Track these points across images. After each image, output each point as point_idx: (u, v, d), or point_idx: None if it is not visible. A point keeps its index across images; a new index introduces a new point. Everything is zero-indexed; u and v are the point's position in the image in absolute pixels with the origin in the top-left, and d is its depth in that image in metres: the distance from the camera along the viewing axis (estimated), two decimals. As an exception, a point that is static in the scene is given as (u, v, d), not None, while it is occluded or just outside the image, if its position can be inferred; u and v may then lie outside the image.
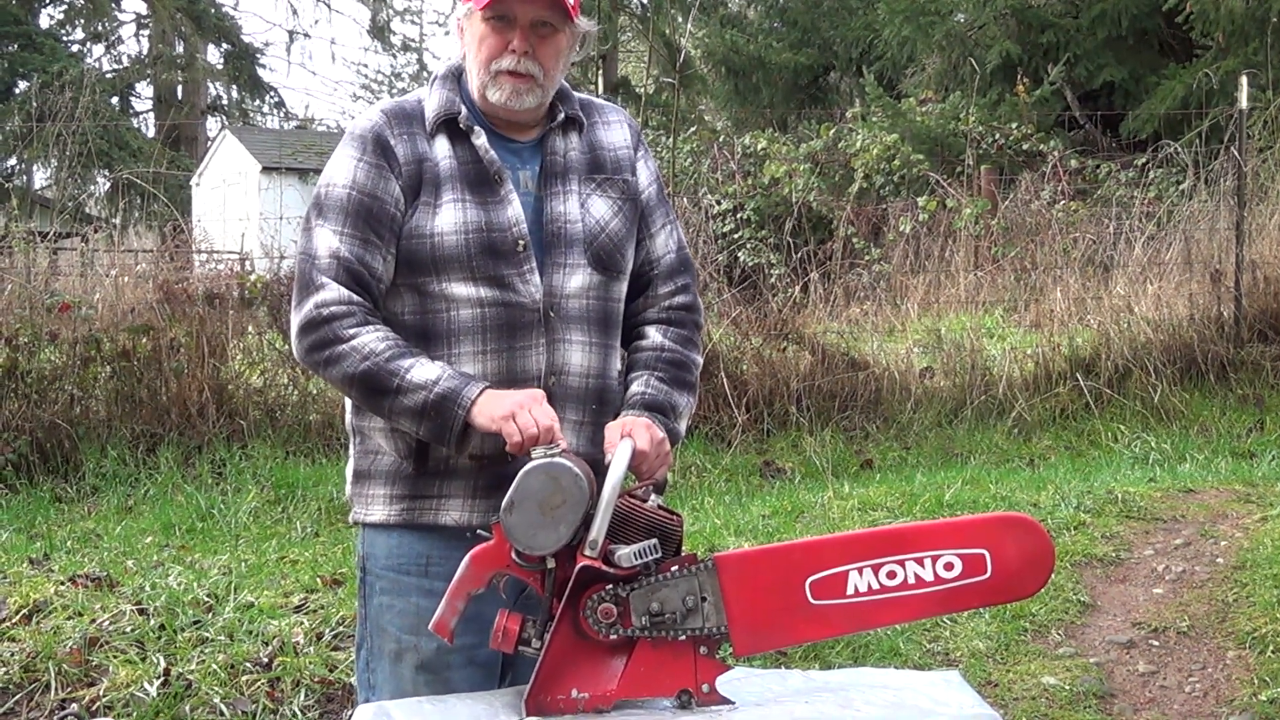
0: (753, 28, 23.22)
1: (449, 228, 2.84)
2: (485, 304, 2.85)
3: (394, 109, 2.94)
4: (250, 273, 10.30)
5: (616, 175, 3.02)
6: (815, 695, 2.66)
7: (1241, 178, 10.51)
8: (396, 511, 2.92)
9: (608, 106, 3.13)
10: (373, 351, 2.75)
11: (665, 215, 3.11)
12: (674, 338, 3.05)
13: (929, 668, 5.15)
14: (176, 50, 31.33)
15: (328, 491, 7.59)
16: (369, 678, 2.99)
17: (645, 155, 3.11)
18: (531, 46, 2.86)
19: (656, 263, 3.08)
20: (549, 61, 2.90)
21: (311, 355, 2.81)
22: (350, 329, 2.77)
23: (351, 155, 2.88)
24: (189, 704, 4.60)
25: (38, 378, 8.26)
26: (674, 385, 2.99)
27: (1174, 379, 9.53)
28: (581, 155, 3.00)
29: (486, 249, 2.84)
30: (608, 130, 3.07)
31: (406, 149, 2.88)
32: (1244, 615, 5.69)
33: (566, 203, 2.94)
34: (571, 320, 2.91)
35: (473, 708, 2.55)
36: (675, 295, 3.09)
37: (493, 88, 2.89)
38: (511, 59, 2.86)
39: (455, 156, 2.89)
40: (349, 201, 2.84)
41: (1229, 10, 15.51)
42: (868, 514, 6.99)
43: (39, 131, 10.94)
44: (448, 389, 2.72)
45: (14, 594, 5.30)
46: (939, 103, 16.60)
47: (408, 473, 2.89)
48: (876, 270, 11.33)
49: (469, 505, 2.88)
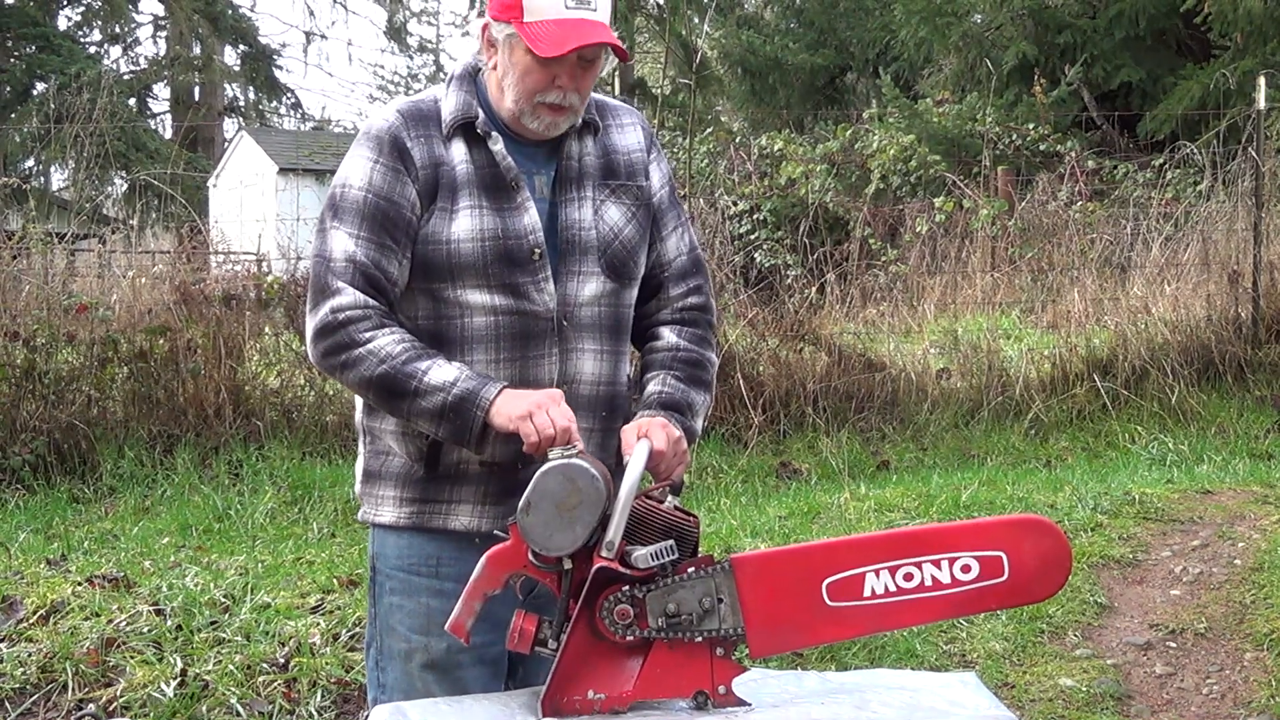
0: (769, 28, 23.22)
1: (465, 235, 2.83)
2: (499, 312, 2.85)
3: (410, 109, 2.92)
4: (267, 274, 10.33)
5: (630, 181, 3.00)
6: (831, 697, 2.66)
7: (1259, 178, 10.47)
8: (406, 514, 2.92)
9: (621, 108, 3.11)
10: (389, 354, 2.74)
11: (677, 217, 3.10)
12: (689, 337, 3.04)
13: (946, 669, 5.14)
14: (194, 51, 31.39)
15: (344, 492, 7.60)
16: (379, 676, 3.00)
17: (658, 157, 3.10)
18: (577, 78, 2.84)
19: (668, 265, 3.07)
20: (587, 89, 2.89)
21: (328, 359, 2.81)
22: (366, 332, 2.76)
23: (367, 156, 2.86)
24: (205, 704, 4.61)
25: (55, 378, 8.27)
26: (690, 384, 2.98)
27: (1191, 380, 9.50)
28: (596, 160, 2.98)
29: (502, 256, 2.83)
30: (621, 133, 3.05)
31: (423, 152, 2.86)
32: (1262, 617, 5.67)
33: (581, 209, 2.93)
34: (584, 328, 2.92)
35: (489, 708, 2.55)
36: (688, 296, 3.08)
37: (530, 118, 2.86)
38: (557, 94, 2.83)
39: (472, 161, 2.87)
40: (365, 205, 2.82)
41: (1247, 10, 15.46)
42: (884, 515, 6.98)
43: (57, 133, 10.95)
44: (466, 390, 2.71)
45: (31, 594, 5.31)
46: (956, 103, 16.58)
47: (418, 476, 2.90)
48: (893, 271, 11.31)
49: (479, 511, 2.89)
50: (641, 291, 3.06)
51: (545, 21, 2.76)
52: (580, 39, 2.75)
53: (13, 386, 8.14)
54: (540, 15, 2.77)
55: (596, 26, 2.78)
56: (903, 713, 2.60)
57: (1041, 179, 12.91)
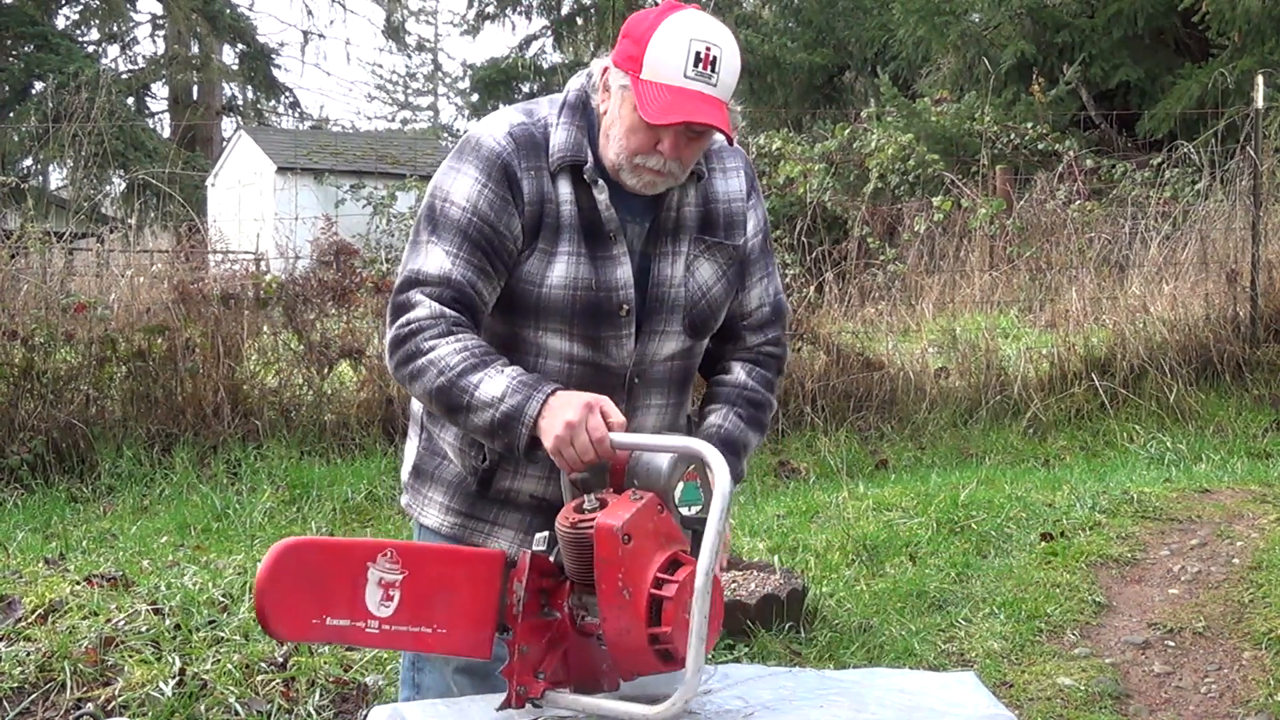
0: (768, 28, 23.24)
1: (559, 282, 2.74)
2: (575, 361, 2.78)
3: (523, 136, 2.77)
4: (265, 273, 10.33)
5: (726, 240, 2.89)
6: (829, 697, 2.65)
7: (1257, 177, 10.48)
8: (450, 524, 2.90)
9: (727, 151, 2.95)
10: (447, 365, 2.64)
11: (765, 267, 2.99)
12: (758, 378, 2.98)
13: (944, 668, 5.14)
14: (192, 51, 31.43)
15: (343, 491, 7.61)
16: (415, 677, 2.98)
17: (757, 203, 2.97)
18: (681, 148, 2.70)
19: (749, 315, 2.98)
20: (690, 160, 2.75)
21: (399, 372, 2.73)
22: (430, 340, 2.66)
23: (476, 178, 2.74)
24: (204, 704, 4.60)
25: (53, 378, 8.28)
26: (750, 425, 2.93)
27: (1190, 379, 9.51)
28: (695, 210, 2.87)
29: (590, 308, 2.75)
30: (725, 179, 2.92)
31: (532, 186, 2.74)
32: (1260, 616, 5.68)
33: (673, 265, 2.83)
34: (654, 385, 2.86)
35: (485, 708, 2.55)
36: (764, 346, 3.01)
37: (629, 174, 2.73)
38: (658, 160, 2.69)
39: (577, 203, 2.76)
40: (469, 227, 2.71)
41: (1245, 9, 15.48)
42: (883, 514, 6.99)
43: (55, 132, 10.95)
44: (512, 407, 2.60)
45: (30, 594, 5.30)
46: (954, 102, 16.58)
47: (470, 490, 2.86)
48: (891, 270, 11.30)
49: (519, 539, 2.84)
50: (719, 335, 2.99)
51: (661, 85, 2.63)
52: (688, 114, 2.62)
53: (11, 386, 8.15)
54: (658, 77, 2.63)
55: (710, 104, 2.64)
56: (901, 714, 2.59)
57: (1040, 178, 12.89)
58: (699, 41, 2.63)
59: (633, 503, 2.41)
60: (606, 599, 2.39)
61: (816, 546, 6.51)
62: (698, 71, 2.63)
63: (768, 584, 5.61)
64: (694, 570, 2.39)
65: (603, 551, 2.37)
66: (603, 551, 2.37)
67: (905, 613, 5.78)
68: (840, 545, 6.50)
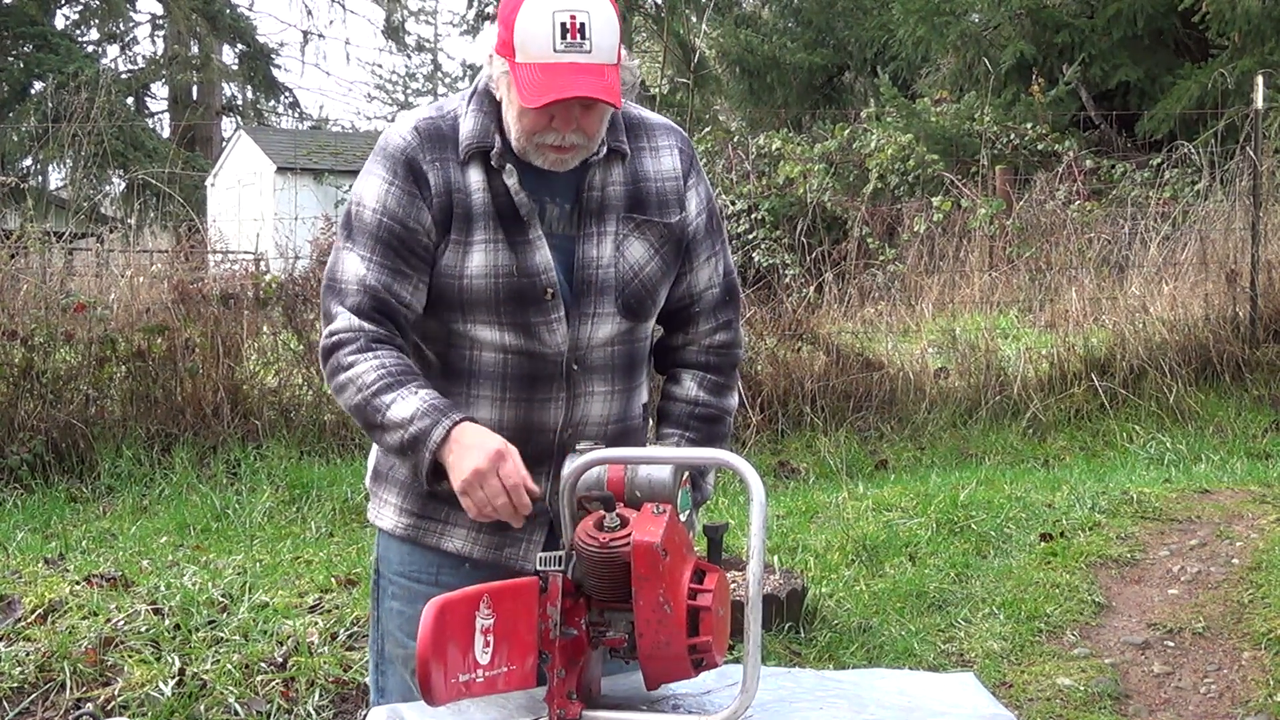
0: (767, 28, 23.24)
1: (478, 271, 2.72)
2: (509, 350, 2.76)
3: (428, 128, 2.76)
4: (265, 273, 10.33)
5: (658, 218, 2.84)
6: (829, 698, 2.65)
7: (1257, 178, 10.48)
8: (404, 525, 2.90)
9: (659, 128, 2.89)
10: (365, 384, 2.64)
11: (712, 246, 2.93)
12: (709, 387, 2.95)
13: (943, 668, 5.15)
14: (191, 51, 31.41)
15: (342, 491, 7.60)
16: (379, 680, 2.99)
17: (697, 182, 2.91)
18: (575, 120, 2.65)
19: (698, 298, 2.93)
20: (593, 129, 2.69)
21: (328, 383, 2.75)
22: (350, 356, 2.67)
23: (383, 177, 2.74)
24: (204, 704, 4.61)
25: (53, 378, 8.27)
26: (707, 443, 2.91)
27: (1189, 379, 9.51)
28: (622, 188, 2.81)
29: (514, 295, 2.73)
30: (655, 158, 2.86)
31: (438, 177, 2.72)
32: (1259, 616, 5.68)
33: (600, 245, 2.79)
34: (594, 371, 2.82)
35: (487, 711, 2.55)
36: (716, 333, 2.96)
37: (535, 155, 2.70)
38: (555, 136, 2.65)
39: (489, 189, 2.73)
40: (379, 228, 2.71)
41: (1245, 10, 15.48)
42: (882, 514, 7.00)
43: (54, 132, 10.95)
44: (420, 430, 2.60)
45: (29, 594, 5.31)
46: (954, 103, 16.58)
47: (419, 489, 2.82)
48: (891, 270, 11.32)
49: (472, 537, 2.84)
50: (670, 321, 2.96)
51: (533, 65, 2.59)
52: (560, 91, 2.57)
53: (10, 386, 8.14)
54: (529, 57, 2.60)
55: (585, 73, 2.58)
56: (901, 714, 2.59)
57: (1039, 178, 12.91)
58: (562, 12, 2.59)
59: (657, 517, 2.40)
60: (645, 614, 2.38)
61: (816, 547, 6.51)
62: (567, 43, 2.58)
63: (767, 584, 5.60)
64: (722, 577, 2.44)
65: (642, 568, 2.36)
66: (642, 568, 2.36)
67: (905, 613, 5.79)
68: (840, 545, 6.50)
